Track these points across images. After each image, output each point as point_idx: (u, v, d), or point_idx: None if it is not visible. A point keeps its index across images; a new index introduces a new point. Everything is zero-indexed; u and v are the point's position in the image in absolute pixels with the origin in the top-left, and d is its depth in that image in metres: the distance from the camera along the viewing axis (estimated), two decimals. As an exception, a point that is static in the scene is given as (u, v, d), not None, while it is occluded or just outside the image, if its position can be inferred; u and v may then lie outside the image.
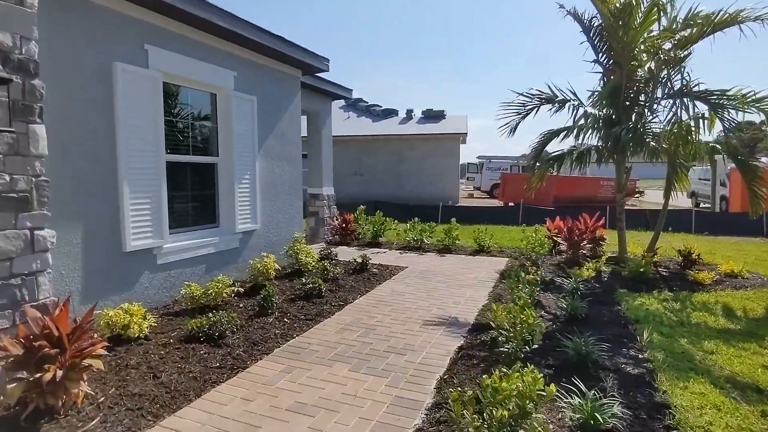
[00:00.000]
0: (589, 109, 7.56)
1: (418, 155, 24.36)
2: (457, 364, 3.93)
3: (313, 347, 4.30)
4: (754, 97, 7.10)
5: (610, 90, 7.40)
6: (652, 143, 6.22)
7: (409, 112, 27.67)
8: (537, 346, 3.64)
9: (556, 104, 7.68)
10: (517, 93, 7.82)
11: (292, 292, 6.03)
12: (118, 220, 4.84)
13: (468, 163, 37.39)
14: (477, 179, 34.82)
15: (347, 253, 9.04)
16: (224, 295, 5.32)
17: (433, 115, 27.07)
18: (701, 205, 27.00)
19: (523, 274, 5.48)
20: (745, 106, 7.15)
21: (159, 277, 5.37)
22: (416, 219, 10.62)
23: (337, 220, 10.69)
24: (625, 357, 4.16)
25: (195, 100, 6.15)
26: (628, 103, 7.62)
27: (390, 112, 28.05)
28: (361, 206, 11.40)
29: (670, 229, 14.06)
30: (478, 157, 36.29)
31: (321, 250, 8.01)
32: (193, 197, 6.15)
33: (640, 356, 4.19)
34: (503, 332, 3.64)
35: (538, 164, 8.91)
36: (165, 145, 5.40)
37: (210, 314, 4.52)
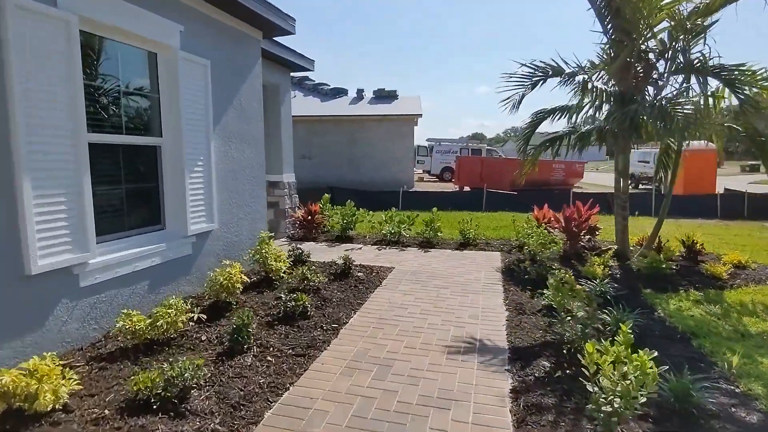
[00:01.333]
0: (599, 85, 6.70)
1: (371, 137, 23.12)
2: (527, 424, 2.87)
3: (318, 405, 3.06)
4: (764, 75, 6.54)
5: (621, 64, 6.54)
6: (681, 121, 5.44)
7: (360, 92, 26.26)
8: (645, 400, 2.65)
9: (566, 77, 6.74)
10: (521, 63, 6.82)
11: (267, 312, 4.72)
12: (15, 230, 3.29)
13: (418, 146, 36.51)
14: (427, 162, 34.15)
15: (317, 251, 7.75)
16: (179, 324, 3.93)
17: (385, 96, 25.83)
18: (640, 186, 27.97)
19: (573, 284, 4.43)
20: (756, 84, 6.59)
21: (84, 306, 3.87)
22: (393, 209, 9.47)
23: (300, 211, 9.32)
24: (721, 392, 3.28)
25: (129, 61, 4.57)
26: (638, 78, 6.83)
27: (339, 92, 26.50)
28: (326, 195, 10.08)
29: (636, 213, 13.87)
30: (428, 140, 35.57)
31: (290, 251, 6.68)
32: (130, 192, 4.61)
33: (737, 390, 3.34)
34: (608, 386, 2.58)
35: (530, 147, 8.04)
36: (87, 121, 3.85)
37: (164, 364, 3.15)
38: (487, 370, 3.60)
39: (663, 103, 5.76)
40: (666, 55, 6.69)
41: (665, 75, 6.95)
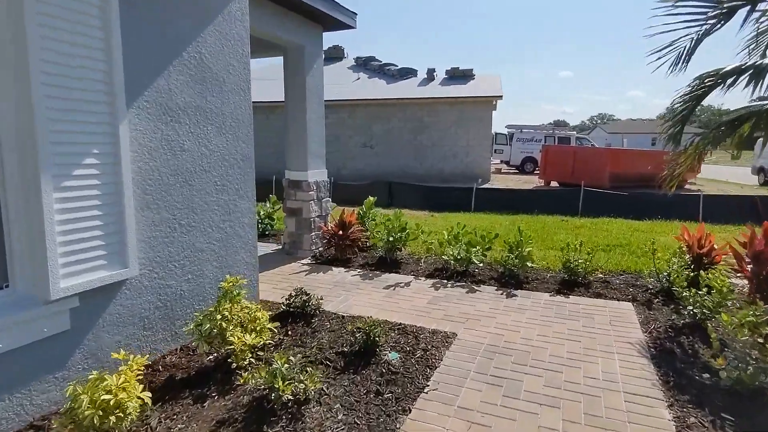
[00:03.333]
0: None
1: (442, 123, 20.22)
2: None
3: None
4: None
5: None
6: None
7: (431, 71, 23.35)
8: None
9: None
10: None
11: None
12: None
13: (495, 134, 32.80)
14: (506, 152, 30.45)
15: (342, 289, 5.19)
16: None
17: (459, 75, 22.71)
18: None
19: None
20: None
21: None
22: (465, 218, 6.64)
23: (332, 222, 6.80)
24: None
25: None
26: None
27: (407, 72, 23.74)
28: (370, 198, 7.47)
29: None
30: (507, 127, 31.73)
31: (289, 299, 4.17)
32: None
33: None
34: None
35: (689, 134, 4.93)
36: None
37: None
38: None
39: None
40: None
41: None
